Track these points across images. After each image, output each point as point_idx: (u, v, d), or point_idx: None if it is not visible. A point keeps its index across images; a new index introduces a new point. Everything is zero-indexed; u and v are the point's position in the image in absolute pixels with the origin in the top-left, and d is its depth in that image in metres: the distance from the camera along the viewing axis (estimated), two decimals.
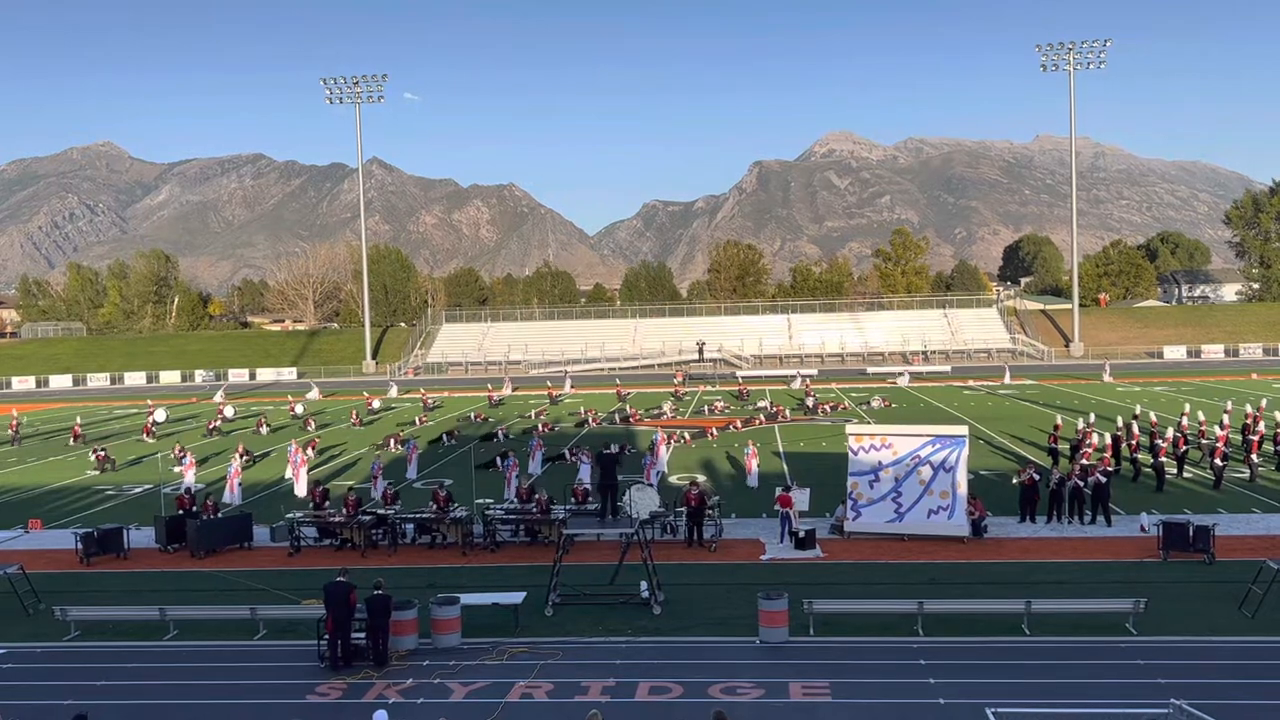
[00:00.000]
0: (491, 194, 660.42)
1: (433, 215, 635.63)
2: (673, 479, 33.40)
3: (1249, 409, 38.69)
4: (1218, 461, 30.45)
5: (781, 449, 39.60)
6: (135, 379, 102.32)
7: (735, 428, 47.83)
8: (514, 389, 71.75)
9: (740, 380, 71.14)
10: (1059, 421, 39.09)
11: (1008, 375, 73.81)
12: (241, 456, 36.79)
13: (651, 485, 25.02)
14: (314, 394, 69.49)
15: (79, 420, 53.49)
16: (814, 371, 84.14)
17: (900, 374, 77.90)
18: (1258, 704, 14.03)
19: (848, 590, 19.81)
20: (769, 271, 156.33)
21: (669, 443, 37.84)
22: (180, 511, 26.61)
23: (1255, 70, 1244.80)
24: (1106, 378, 70.52)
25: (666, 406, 58.05)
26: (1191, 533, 21.92)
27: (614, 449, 24.74)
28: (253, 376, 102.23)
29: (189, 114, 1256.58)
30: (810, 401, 55.46)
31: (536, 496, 25.65)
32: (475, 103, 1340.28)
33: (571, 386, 70.14)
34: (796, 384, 70.05)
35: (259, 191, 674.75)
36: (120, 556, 24.81)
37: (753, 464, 32.76)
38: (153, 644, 18.09)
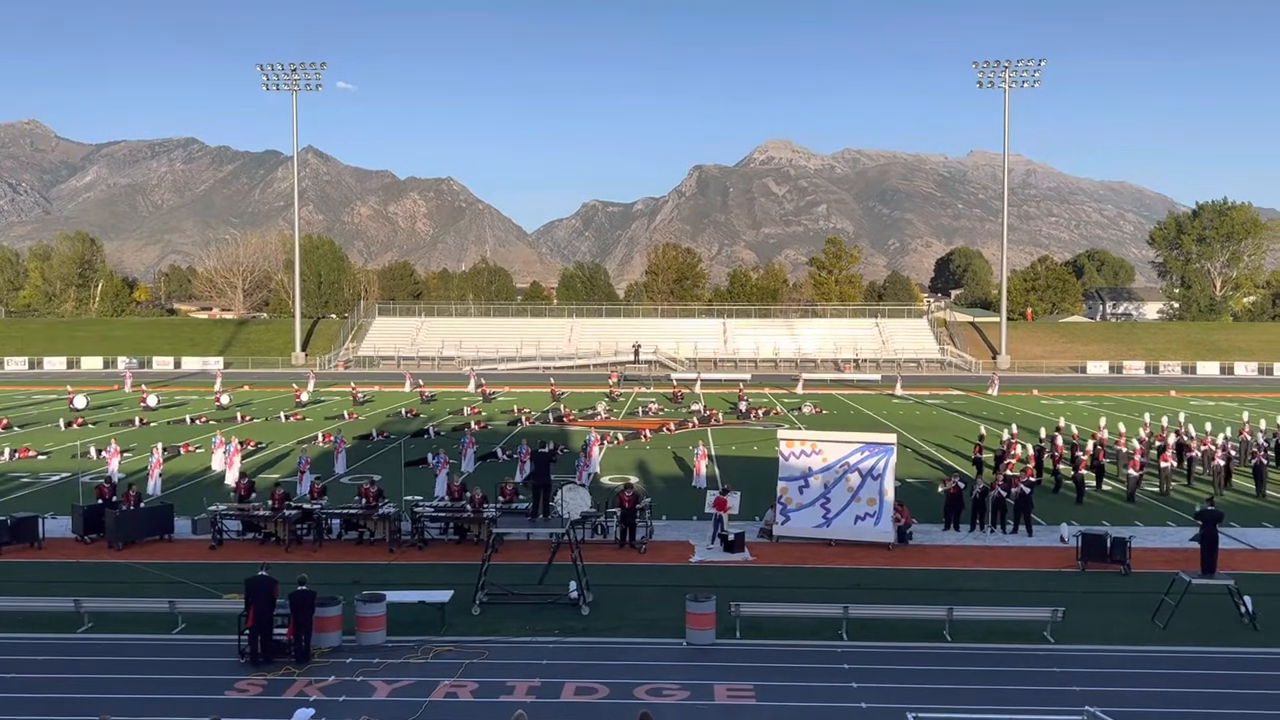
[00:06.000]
0: (429, 187, 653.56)
1: (368, 206, 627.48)
2: (605, 480, 33.45)
3: (1165, 423, 40.28)
4: (1131, 473, 31.47)
5: (714, 452, 39.88)
6: (55, 364, 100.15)
7: (669, 430, 48.11)
8: (414, 386, 70.73)
9: (675, 383, 71.66)
10: (983, 432, 40.12)
11: (899, 385, 74.87)
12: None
13: (584, 485, 25.01)
14: (218, 386, 67.27)
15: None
16: (747, 376, 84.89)
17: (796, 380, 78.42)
18: (1169, 712, 14.47)
19: (774, 594, 20.03)
20: (706, 276, 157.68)
21: (602, 443, 37.90)
22: (100, 501, 25.89)
23: (1181, 96, 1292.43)
24: (992, 391, 71.67)
25: (601, 407, 58.14)
26: (1109, 544, 22.57)
27: (548, 448, 24.64)
28: (178, 365, 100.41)
29: (119, 95, 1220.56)
30: (743, 406, 55.96)
31: (469, 494, 25.49)
32: (414, 95, 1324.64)
33: (477, 387, 69.09)
34: (698, 388, 70.92)
35: (190, 176, 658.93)
36: (34, 546, 24.11)
37: (701, 465, 33.11)
38: (66, 636, 17.68)
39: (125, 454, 36.72)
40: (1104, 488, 32.63)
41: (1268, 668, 16.39)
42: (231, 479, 31.34)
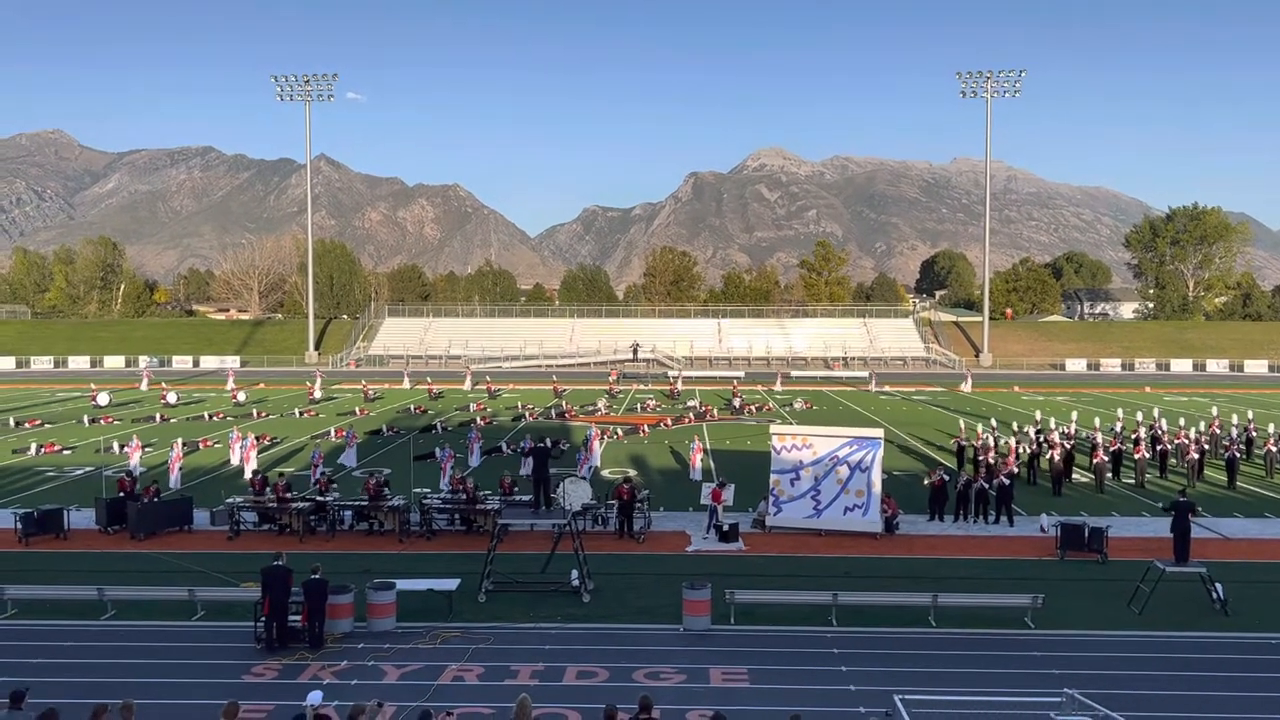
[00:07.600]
0: (436, 193, 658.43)
1: (378, 212, 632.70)
2: (605, 473, 34.06)
3: (1139, 418, 41.54)
4: (1095, 462, 32.42)
5: (709, 446, 40.51)
6: (79, 363, 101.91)
7: (666, 425, 48.86)
8: (414, 384, 71.78)
9: (671, 380, 72.56)
10: (963, 426, 41.07)
11: (873, 383, 75.86)
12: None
13: (585, 478, 25.64)
14: (230, 384, 67.95)
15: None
16: (741, 374, 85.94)
17: (774, 378, 79.53)
18: (1143, 694, 14.99)
19: (767, 582, 20.56)
20: (701, 278, 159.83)
21: (602, 438, 38.62)
22: (121, 494, 26.39)
23: (1156, 105, 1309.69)
24: (964, 388, 72.48)
25: (601, 403, 58.92)
26: (1087, 534, 23.15)
27: (547, 442, 25.25)
28: (196, 364, 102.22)
29: (140, 106, 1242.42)
30: (737, 402, 56.83)
31: (464, 485, 26.09)
32: (421, 105, 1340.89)
33: (474, 384, 70.38)
34: (680, 385, 71.62)
35: (207, 183, 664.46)
36: (60, 537, 24.54)
37: (697, 459, 33.80)
38: (90, 623, 18.02)
39: (146, 449, 37.17)
40: (1075, 477, 33.29)
41: (1238, 651, 16.94)
42: (248, 473, 31.90)
